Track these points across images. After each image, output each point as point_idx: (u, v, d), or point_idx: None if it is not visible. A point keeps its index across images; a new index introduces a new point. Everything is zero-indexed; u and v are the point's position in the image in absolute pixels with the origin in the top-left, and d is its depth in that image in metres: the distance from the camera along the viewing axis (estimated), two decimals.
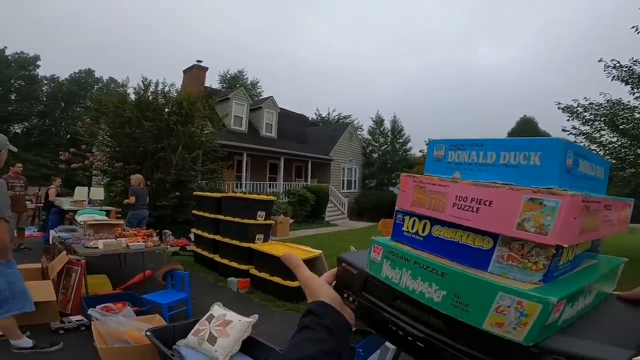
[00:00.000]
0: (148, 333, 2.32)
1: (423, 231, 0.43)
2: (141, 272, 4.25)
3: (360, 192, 19.33)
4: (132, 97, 9.33)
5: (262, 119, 15.77)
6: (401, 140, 21.49)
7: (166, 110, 8.79)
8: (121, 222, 5.21)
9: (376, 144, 21.96)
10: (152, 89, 9.27)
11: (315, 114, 28.84)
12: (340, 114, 28.72)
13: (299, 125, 18.90)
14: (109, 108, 8.90)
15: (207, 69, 14.43)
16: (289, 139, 16.78)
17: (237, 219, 4.97)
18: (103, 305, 3.06)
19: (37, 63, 24.80)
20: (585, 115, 7.94)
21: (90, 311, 2.85)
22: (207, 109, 9.69)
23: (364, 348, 1.08)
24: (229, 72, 29.90)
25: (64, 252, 3.83)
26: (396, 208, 0.47)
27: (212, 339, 2.27)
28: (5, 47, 23.15)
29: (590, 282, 0.38)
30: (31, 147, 20.97)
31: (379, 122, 22.34)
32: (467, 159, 0.41)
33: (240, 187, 12.61)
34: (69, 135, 9.79)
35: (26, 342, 2.70)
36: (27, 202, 7.54)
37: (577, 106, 8.02)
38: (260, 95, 21.09)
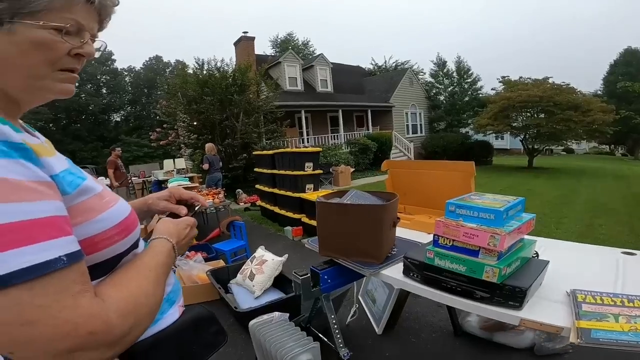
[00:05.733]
0: (208, 273, 3.00)
1: (449, 243, 1.01)
2: (217, 227, 4.94)
3: (427, 135, 19.03)
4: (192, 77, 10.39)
5: (317, 76, 16.31)
6: (469, 80, 20.62)
7: (223, 84, 9.70)
8: (197, 185, 6.11)
9: (440, 86, 21.20)
10: (206, 67, 10.39)
11: (371, 63, 27.74)
12: (397, 60, 27.28)
13: (355, 76, 18.99)
14: (175, 89, 10.25)
15: (253, 38, 14.54)
16: (346, 91, 17.08)
17: (288, 172, 5.50)
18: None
19: (112, 58, 27.85)
20: None
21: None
22: (257, 76, 10.68)
23: (329, 276, 1.49)
24: (279, 37, 31.01)
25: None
26: (435, 234, 1.04)
27: (252, 276, 2.73)
28: None
29: (517, 256, 0.97)
30: (131, 131, 24.99)
31: (440, 64, 21.59)
32: (465, 213, 0.99)
33: (303, 143, 13.56)
34: (157, 117, 11.27)
35: None
36: (134, 178, 9.30)
37: None
38: (313, 54, 20.89)
